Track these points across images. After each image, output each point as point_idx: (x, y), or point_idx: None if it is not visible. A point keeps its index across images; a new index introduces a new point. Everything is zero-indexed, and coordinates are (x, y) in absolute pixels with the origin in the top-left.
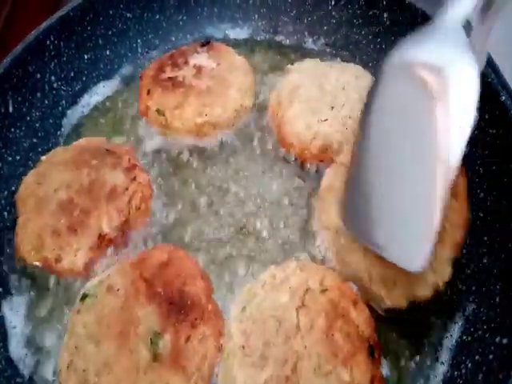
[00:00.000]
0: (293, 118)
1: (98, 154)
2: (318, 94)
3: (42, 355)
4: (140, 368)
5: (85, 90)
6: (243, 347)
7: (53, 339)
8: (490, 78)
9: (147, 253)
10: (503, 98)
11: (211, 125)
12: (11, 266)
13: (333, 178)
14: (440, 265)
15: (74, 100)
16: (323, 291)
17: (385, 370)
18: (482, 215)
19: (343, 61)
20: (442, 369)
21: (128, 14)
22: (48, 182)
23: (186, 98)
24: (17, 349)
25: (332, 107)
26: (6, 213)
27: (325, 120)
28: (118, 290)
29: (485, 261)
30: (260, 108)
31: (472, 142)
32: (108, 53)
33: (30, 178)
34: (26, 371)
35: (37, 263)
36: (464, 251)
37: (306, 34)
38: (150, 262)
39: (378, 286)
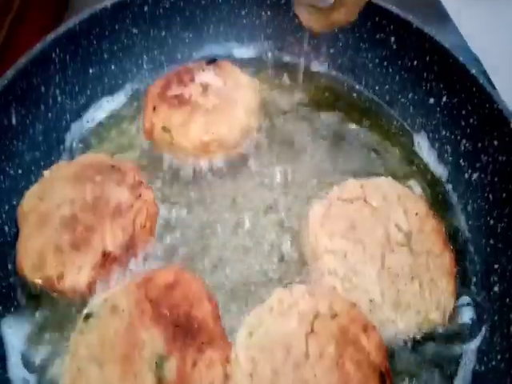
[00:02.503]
0: None
1: (103, 169)
2: None
3: (43, 377)
4: None
5: (89, 104)
6: (251, 376)
7: (54, 360)
8: (499, 104)
9: (153, 273)
10: None
11: (217, 144)
12: (12, 283)
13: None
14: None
15: (78, 114)
16: (333, 316)
17: None
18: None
19: (348, 84)
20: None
21: (134, 30)
22: (50, 197)
23: (192, 115)
24: (16, 369)
25: None
26: (6, 227)
27: None
28: (122, 310)
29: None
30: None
31: (482, 169)
32: (113, 68)
33: (31, 193)
34: None
35: (38, 281)
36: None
37: (312, 56)
38: (155, 283)
39: (392, 307)
